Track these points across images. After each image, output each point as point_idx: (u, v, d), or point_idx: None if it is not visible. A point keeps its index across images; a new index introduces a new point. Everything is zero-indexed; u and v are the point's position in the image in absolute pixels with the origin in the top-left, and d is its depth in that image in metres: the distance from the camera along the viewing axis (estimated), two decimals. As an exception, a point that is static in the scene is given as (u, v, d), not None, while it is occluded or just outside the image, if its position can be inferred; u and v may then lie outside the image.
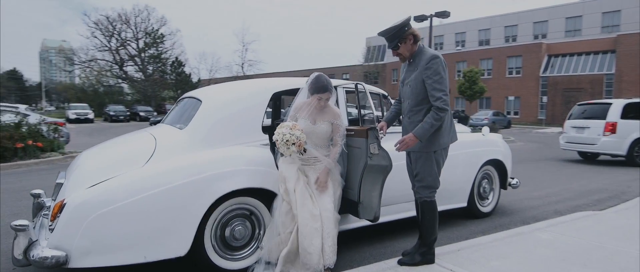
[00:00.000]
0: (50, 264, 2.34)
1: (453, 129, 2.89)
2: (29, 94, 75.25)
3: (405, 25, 2.70)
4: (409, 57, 2.82)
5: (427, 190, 2.84)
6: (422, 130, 2.65)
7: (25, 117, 10.03)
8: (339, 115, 2.94)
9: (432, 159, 2.79)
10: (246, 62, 45.80)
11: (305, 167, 2.86)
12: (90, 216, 2.43)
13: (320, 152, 2.87)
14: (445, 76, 2.68)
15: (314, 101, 2.85)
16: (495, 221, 4.33)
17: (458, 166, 4.03)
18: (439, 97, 2.63)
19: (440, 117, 2.64)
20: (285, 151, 2.70)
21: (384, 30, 2.72)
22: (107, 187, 2.54)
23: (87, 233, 2.42)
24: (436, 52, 2.76)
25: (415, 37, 2.74)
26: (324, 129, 2.86)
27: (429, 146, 2.75)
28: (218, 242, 2.83)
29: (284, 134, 2.69)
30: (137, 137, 3.30)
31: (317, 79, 2.86)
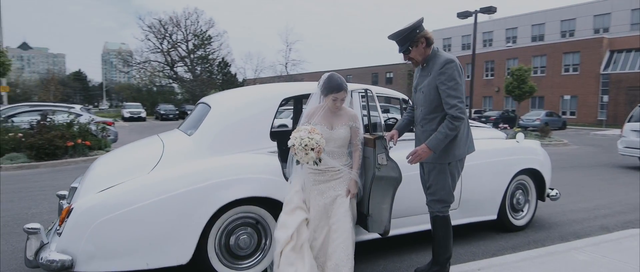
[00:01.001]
0: (56, 267, 2.40)
1: (470, 139, 2.66)
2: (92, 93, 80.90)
3: (417, 28, 2.52)
4: (422, 62, 2.63)
5: (440, 204, 2.63)
6: (435, 141, 2.46)
7: (77, 117, 10.71)
8: (357, 117, 2.77)
9: (446, 171, 2.58)
10: (290, 61, 46.32)
11: (318, 180, 2.64)
12: (95, 221, 2.48)
13: (339, 161, 2.67)
14: (461, 82, 2.47)
15: (328, 103, 2.67)
16: (529, 235, 3.99)
17: (486, 175, 3.75)
18: (453, 105, 2.43)
19: (455, 126, 2.43)
20: (302, 158, 2.50)
21: (394, 33, 2.55)
22: (112, 194, 2.58)
23: (92, 238, 2.47)
24: (451, 55, 2.55)
25: (428, 40, 2.56)
26: (343, 134, 2.67)
27: (443, 157, 2.55)
28: (222, 250, 2.80)
29: (302, 138, 2.48)
30: (149, 142, 3.34)
31: (329, 79, 2.67)
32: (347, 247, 2.55)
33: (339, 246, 2.54)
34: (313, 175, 2.66)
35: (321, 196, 2.64)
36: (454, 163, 2.60)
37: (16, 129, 9.13)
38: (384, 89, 3.58)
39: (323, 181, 2.65)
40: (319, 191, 2.65)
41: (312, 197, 2.65)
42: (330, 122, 2.68)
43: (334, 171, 2.65)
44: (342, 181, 2.66)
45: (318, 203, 2.63)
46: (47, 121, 9.12)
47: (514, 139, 4.28)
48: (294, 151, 2.52)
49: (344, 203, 2.62)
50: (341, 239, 2.56)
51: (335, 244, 2.56)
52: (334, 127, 2.67)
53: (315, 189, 2.65)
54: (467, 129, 2.65)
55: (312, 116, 2.69)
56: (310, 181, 2.67)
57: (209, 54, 43.60)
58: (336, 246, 2.56)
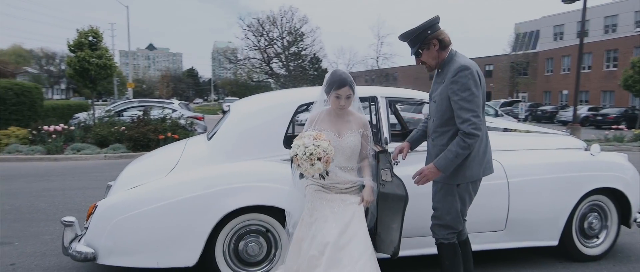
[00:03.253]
0: (80, 258, 2.66)
1: (487, 158, 2.28)
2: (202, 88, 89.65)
3: (428, 28, 2.22)
4: (436, 66, 2.32)
5: (445, 230, 2.30)
6: (444, 160, 2.15)
7: (172, 112, 11.92)
8: (368, 124, 2.45)
9: (454, 194, 2.25)
10: (381, 55, 45.66)
11: (322, 197, 2.30)
12: (114, 219, 2.68)
13: (348, 174, 2.33)
14: (477, 93, 2.11)
15: (332, 103, 2.33)
16: (604, 268, 3.31)
17: (543, 193, 3.20)
18: (466, 120, 2.09)
19: (467, 144, 2.10)
20: (307, 170, 2.15)
21: (403, 32, 2.29)
22: (131, 194, 2.76)
23: (111, 234, 2.67)
24: (468, 61, 2.19)
25: (442, 42, 2.24)
26: (353, 142, 2.32)
27: (452, 178, 2.22)
28: (231, 256, 2.82)
29: (307, 146, 2.13)
30: (175, 146, 3.52)
31: (331, 74, 2.37)
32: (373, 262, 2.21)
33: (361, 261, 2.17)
34: (316, 192, 2.33)
35: (328, 203, 2.32)
36: (464, 185, 2.25)
37: (120, 122, 10.48)
38: (403, 91, 3.26)
39: (328, 192, 2.33)
40: (323, 199, 2.32)
41: (314, 207, 2.34)
42: (338, 129, 2.34)
43: (344, 187, 2.33)
44: (353, 192, 2.36)
45: (324, 213, 2.29)
46: (145, 116, 10.29)
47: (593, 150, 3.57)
48: (296, 161, 2.19)
49: (358, 212, 2.28)
50: (364, 256, 2.19)
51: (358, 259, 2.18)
52: (341, 134, 2.33)
53: (318, 198, 2.34)
54: (484, 147, 2.27)
55: (316, 122, 2.37)
56: (311, 191, 2.36)
57: (301, 50, 45.11)
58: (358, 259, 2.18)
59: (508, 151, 3.37)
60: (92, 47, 10.34)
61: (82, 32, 10.40)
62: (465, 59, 2.22)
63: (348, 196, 2.31)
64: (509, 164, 3.18)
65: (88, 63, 10.10)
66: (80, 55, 10.14)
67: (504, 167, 3.15)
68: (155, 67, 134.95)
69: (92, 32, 10.49)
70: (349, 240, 2.19)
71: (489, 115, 14.45)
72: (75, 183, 6.56)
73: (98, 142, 9.59)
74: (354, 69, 47.84)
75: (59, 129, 9.53)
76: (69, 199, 5.46)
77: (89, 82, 10.55)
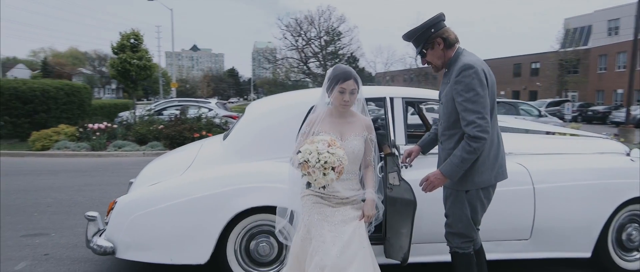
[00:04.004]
0: (100, 251, 2.77)
1: (500, 162, 2.14)
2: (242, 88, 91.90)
3: (432, 26, 2.11)
4: (442, 66, 2.20)
5: (459, 239, 2.19)
6: (450, 166, 2.05)
7: (209, 111, 12.29)
8: (372, 127, 2.24)
9: (463, 200, 2.13)
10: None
11: (320, 203, 2.09)
12: (131, 215, 2.77)
13: (349, 185, 2.12)
14: (482, 93, 1.98)
15: (335, 100, 2.11)
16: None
17: (574, 201, 2.98)
18: (471, 122, 1.97)
19: (473, 148, 1.98)
20: (318, 180, 1.92)
21: (406, 32, 2.20)
22: (148, 192, 2.85)
23: (128, 230, 2.77)
24: (473, 59, 2.06)
25: (447, 41, 2.12)
26: (356, 146, 2.12)
27: (460, 184, 2.11)
28: (242, 255, 2.84)
29: (320, 152, 1.91)
30: (192, 145, 3.59)
31: (334, 68, 2.18)
32: None
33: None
34: (314, 205, 2.11)
35: (325, 220, 2.08)
36: (473, 192, 2.12)
37: (158, 121, 10.92)
38: (423, 91, 3.14)
39: (324, 205, 2.11)
40: (321, 214, 2.10)
41: (311, 223, 2.10)
42: (340, 131, 2.14)
43: (344, 196, 2.12)
44: (354, 204, 2.15)
45: (321, 232, 2.05)
46: (181, 115, 10.67)
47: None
48: (306, 169, 1.93)
49: (359, 229, 2.07)
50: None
51: None
52: (344, 137, 2.13)
53: (315, 212, 2.11)
54: (495, 151, 2.13)
55: (316, 123, 2.15)
56: (307, 205, 2.15)
57: (339, 50, 45.09)
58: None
59: (535, 154, 3.18)
60: (133, 49, 10.85)
61: (125, 35, 10.94)
62: (471, 57, 2.10)
63: (348, 210, 2.11)
64: (535, 169, 2.99)
65: (129, 64, 10.62)
66: (122, 57, 10.68)
67: (530, 172, 2.97)
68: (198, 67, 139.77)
69: (134, 34, 11.01)
70: (349, 262, 1.97)
71: (531, 116, 13.74)
72: (114, 179, 6.90)
73: (138, 139, 10.04)
74: (392, 68, 47.27)
75: (103, 127, 10.08)
76: (105, 193, 5.74)
77: (130, 82, 11.09)
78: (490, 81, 2.07)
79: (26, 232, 4.13)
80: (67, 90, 11.56)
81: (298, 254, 2.14)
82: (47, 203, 5.26)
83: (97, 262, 3.35)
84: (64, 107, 11.42)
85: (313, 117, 2.21)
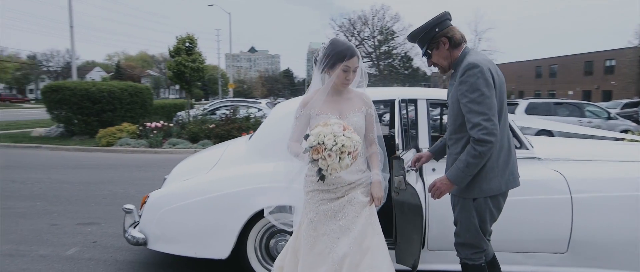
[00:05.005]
0: (133, 242, 2.98)
1: (510, 169, 2.01)
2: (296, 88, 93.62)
3: (436, 25, 2.03)
4: (449, 67, 2.10)
5: (468, 249, 2.07)
6: (455, 171, 1.96)
7: (258, 110, 12.69)
8: (371, 101, 2.09)
9: (470, 209, 2.02)
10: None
11: (324, 199, 2.00)
12: (161, 209, 2.95)
13: (352, 167, 1.92)
14: (488, 93, 1.86)
15: (336, 78, 1.96)
16: None
17: (619, 212, 2.71)
18: (476, 124, 1.86)
19: (478, 152, 1.86)
20: (333, 166, 1.76)
21: (410, 33, 2.13)
22: (176, 188, 3.02)
23: (158, 223, 2.95)
24: (479, 58, 1.95)
25: (452, 40, 2.03)
26: (357, 123, 1.99)
27: (467, 191, 2.00)
28: (262, 252, 2.91)
29: (337, 135, 1.76)
30: (221, 145, 3.72)
31: (334, 44, 2.00)
32: None
33: None
34: (319, 194, 2.03)
35: (334, 217, 2.00)
36: (481, 200, 1.99)
37: (210, 120, 11.46)
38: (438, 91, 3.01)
39: (331, 199, 2.02)
40: (328, 211, 2.01)
41: (319, 221, 2.01)
42: (338, 109, 2.00)
43: (348, 182, 1.99)
44: (362, 188, 2.03)
45: (332, 227, 1.98)
46: (231, 115, 11.12)
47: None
48: (320, 153, 1.77)
49: (371, 217, 2.00)
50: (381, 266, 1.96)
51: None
52: (343, 115, 1.99)
53: (322, 211, 2.02)
54: (505, 156, 2.00)
55: (311, 103, 2.03)
56: (313, 201, 2.05)
57: (392, 49, 44.42)
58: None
59: (575, 161, 2.94)
60: (188, 52, 11.49)
61: (181, 39, 11.63)
62: (477, 56, 1.98)
63: (357, 196, 2.00)
64: (574, 177, 2.76)
65: (184, 66, 11.25)
66: (177, 60, 11.35)
67: (568, 180, 2.75)
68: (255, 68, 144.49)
69: (188, 38, 11.67)
70: (364, 253, 1.94)
71: (600, 119, 12.57)
72: (165, 174, 7.35)
73: (191, 138, 10.61)
74: (449, 67, 45.86)
75: (159, 126, 10.78)
76: (154, 187, 6.12)
77: (184, 83, 11.75)
78: (498, 81, 1.94)
79: (81, 220, 4.53)
80: (131, 91, 12.50)
81: (298, 248, 2.10)
82: (103, 195, 5.74)
83: (136, 251, 3.60)
84: (127, 106, 12.35)
85: (306, 98, 2.09)
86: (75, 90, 11.43)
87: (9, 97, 54.39)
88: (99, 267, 3.33)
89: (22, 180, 6.74)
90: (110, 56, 76.44)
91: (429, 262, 2.81)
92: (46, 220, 4.55)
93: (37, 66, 57.57)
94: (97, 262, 3.42)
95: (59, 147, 10.65)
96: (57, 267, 3.31)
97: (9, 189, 6.05)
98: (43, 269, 3.27)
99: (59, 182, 6.63)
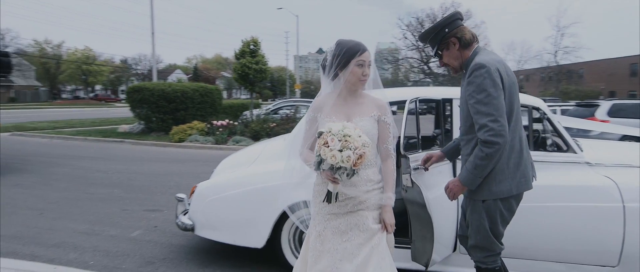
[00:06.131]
0: (182, 227, 3.29)
1: (523, 171, 1.96)
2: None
3: (446, 26, 2.03)
4: (460, 67, 2.09)
5: (480, 252, 2.05)
6: (465, 172, 1.95)
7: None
8: (387, 107, 1.93)
9: (480, 210, 1.99)
10: (561, 49, 39.31)
11: (332, 212, 1.88)
12: (206, 199, 3.23)
13: (363, 176, 1.83)
14: (495, 93, 1.83)
15: (352, 72, 1.84)
16: None
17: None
18: (483, 125, 1.83)
19: (486, 154, 1.84)
20: (333, 154, 1.66)
21: (421, 33, 2.16)
22: (220, 180, 3.29)
23: (203, 212, 3.23)
24: (487, 58, 1.91)
25: (462, 41, 2.02)
26: (365, 127, 1.83)
27: (477, 193, 1.98)
28: (296, 244, 3.06)
29: (346, 126, 1.72)
30: (263, 142, 3.92)
31: (340, 44, 1.88)
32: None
33: None
34: (328, 219, 1.90)
35: (340, 236, 1.86)
36: (490, 202, 1.95)
37: (271, 119, 11.94)
38: None
39: (340, 214, 1.88)
40: (335, 228, 1.87)
41: (325, 237, 1.88)
42: (347, 113, 1.88)
43: (357, 201, 1.85)
44: (372, 212, 1.87)
45: (336, 247, 1.84)
46: (291, 115, 11.50)
47: None
48: (324, 139, 1.70)
49: (378, 246, 1.83)
50: None
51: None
52: (351, 118, 1.86)
53: (330, 226, 1.88)
54: (516, 158, 1.95)
55: (323, 108, 1.92)
56: (322, 213, 1.92)
57: (461, 47, 42.52)
58: None
59: (631, 167, 2.69)
60: (252, 55, 12.09)
61: (245, 42, 12.27)
62: (486, 56, 1.94)
63: (365, 223, 1.85)
64: (628, 184, 2.55)
65: (247, 68, 11.85)
66: (242, 62, 11.99)
67: (620, 187, 2.54)
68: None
69: (253, 41, 12.27)
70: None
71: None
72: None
73: (253, 136, 11.16)
74: (526, 65, 42.63)
75: (225, 124, 11.48)
76: (214, 181, 6.60)
77: (248, 84, 12.37)
78: (508, 82, 1.89)
79: (147, 207, 5.05)
80: (202, 92, 13.45)
81: (307, 259, 1.98)
82: (169, 185, 6.30)
83: (187, 237, 3.94)
84: (198, 106, 13.31)
85: (319, 101, 1.98)
86: (154, 91, 12.59)
87: (104, 97, 61.12)
88: (156, 248, 3.71)
89: (105, 170, 7.62)
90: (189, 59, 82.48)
91: (460, 266, 2.75)
92: (119, 205, 5.14)
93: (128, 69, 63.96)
94: (154, 245, 3.81)
95: (139, 142, 11.80)
96: (121, 246, 3.75)
97: (94, 178, 6.89)
98: (110, 247, 3.72)
99: (134, 173, 7.39)
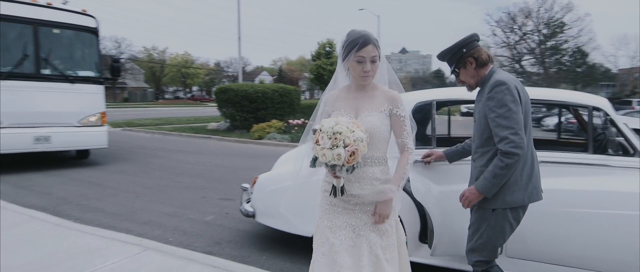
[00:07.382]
0: (245, 214, 3.69)
1: (534, 183, 2.03)
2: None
3: (463, 46, 2.15)
4: (475, 85, 2.21)
5: (474, 255, 2.13)
6: (483, 181, 2.02)
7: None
8: (400, 99, 1.84)
9: (489, 219, 2.05)
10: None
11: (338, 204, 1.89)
12: (265, 189, 3.58)
13: (369, 171, 1.79)
14: (515, 109, 1.93)
15: (352, 68, 1.78)
16: None
17: None
18: (504, 138, 1.93)
19: (505, 164, 1.92)
20: (324, 153, 1.67)
21: (440, 52, 2.27)
22: (276, 173, 3.61)
23: (263, 200, 3.59)
24: (506, 76, 2.03)
25: (478, 60, 2.13)
26: (373, 122, 1.76)
27: (488, 201, 2.04)
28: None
29: (338, 123, 1.69)
30: None
31: (348, 34, 1.83)
32: None
33: None
34: (329, 199, 1.92)
35: (345, 241, 1.84)
36: (500, 211, 2.01)
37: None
38: (542, 92, 2.78)
39: (347, 209, 1.88)
40: (345, 222, 1.87)
41: (336, 224, 1.87)
42: (356, 107, 1.81)
43: (355, 195, 1.84)
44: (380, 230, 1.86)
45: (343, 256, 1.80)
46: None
47: None
48: (317, 136, 1.71)
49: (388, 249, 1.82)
50: None
51: None
52: (360, 113, 1.80)
53: (337, 225, 1.87)
54: (529, 170, 2.01)
55: (330, 100, 1.90)
56: (330, 204, 1.92)
57: (561, 44, 38.60)
58: None
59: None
60: (327, 56, 12.48)
61: (321, 44, 12.70)
62: (504, 75, 2.05)
63: (373, 240, 1.84)
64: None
65: (322, 69, 12.27)
66: (317, 63, 12.43)
67: None
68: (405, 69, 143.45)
69: (328, 43, 12.65)
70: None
71: None
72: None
73: (326, 135, 11.54)
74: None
75: (300, 123, 12.02)
76: (284, 176, 7.05)
77: (323, 85, 12.76)
78: (523, 98, 2.00)
79: (222, 196, 5.63)
80: (281, 92, 14.21)
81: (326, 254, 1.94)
82: (245, 178, 6.86)
83: (252, 223, 4.36)
84: (278, 105, 14.09)
85: (330, 95, 1.94)
86: (238, 91, 13.63)
87: (199, 98, 67.08)
88: (225, 232, 4.18)
89: (193, 162, 8.55)
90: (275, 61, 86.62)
91: (508, 270, 2.71)
92: (200, 193, 5.80)
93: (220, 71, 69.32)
94: (224, 229, 4.28)
95: (224, 139, 12.90)
96: (197, 228, 4.28)
97: (182, 168, 7.79)
98: (187, 228, 4.27)
99: (216, 166, 8.18)
